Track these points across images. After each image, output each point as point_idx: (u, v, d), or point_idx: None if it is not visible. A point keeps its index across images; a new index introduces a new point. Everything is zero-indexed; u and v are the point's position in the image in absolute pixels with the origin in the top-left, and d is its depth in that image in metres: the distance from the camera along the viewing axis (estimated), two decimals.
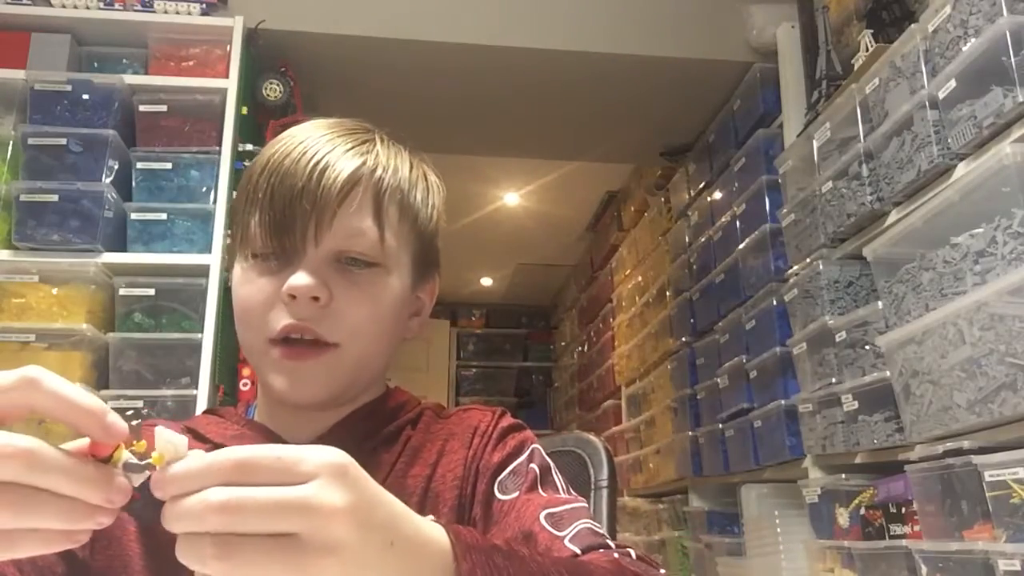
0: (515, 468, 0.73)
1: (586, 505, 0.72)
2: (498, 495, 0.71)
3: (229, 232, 0.82)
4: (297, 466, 0.42)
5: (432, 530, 0.49)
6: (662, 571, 0.63)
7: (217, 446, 0.74)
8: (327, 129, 0.76)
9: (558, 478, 0.75)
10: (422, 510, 0.68)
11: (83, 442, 0.42)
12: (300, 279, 0.69)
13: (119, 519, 0.67)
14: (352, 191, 0.72)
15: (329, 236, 0.70)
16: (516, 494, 0.70)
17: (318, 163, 0.71)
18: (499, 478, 0.73)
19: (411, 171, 0.78)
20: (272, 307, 0.70)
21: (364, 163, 0.73)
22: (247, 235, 0.73)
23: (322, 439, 0.74)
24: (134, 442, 0.43)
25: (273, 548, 0.39)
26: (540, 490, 0.71)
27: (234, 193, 2.17)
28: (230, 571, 0.39)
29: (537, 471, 0.73)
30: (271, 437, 0.75)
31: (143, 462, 0.42)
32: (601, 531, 0.67)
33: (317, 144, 0.73)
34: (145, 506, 0.42)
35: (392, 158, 0.77)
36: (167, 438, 0.43)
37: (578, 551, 0.63)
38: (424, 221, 0.79)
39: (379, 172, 0.74)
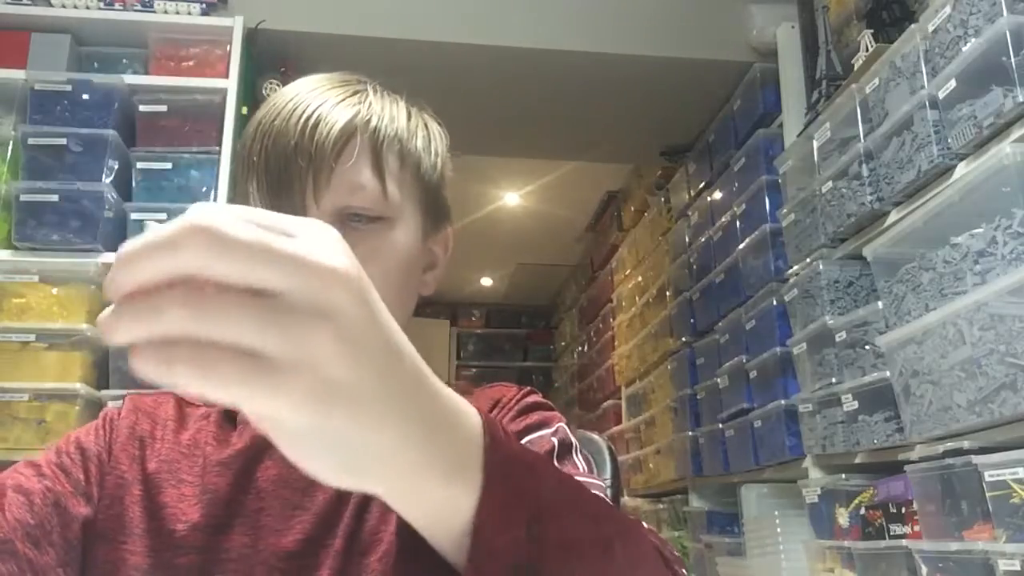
0: (533, 440, 0.67)
1: (604, 487, 0.67)
2: None
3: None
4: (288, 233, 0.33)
5: (461, 404, 0.42)
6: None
7: (226, 409, 0.73)
8: (317, 84, 0.73)
9: (580, 459, 0.68)
10: None
11: None
12: None
13: (124, 481, 0.68)
14: (348, 143, 0.69)
15: (329, 193, 0.68)
16: None
17: (309, 118, 0.68)
18: None
19: (409, 119, 0.75)
20: None
21: (357, 113, 0.70)
22: (246, 203, 0.70)
23: None
24: None
25: (252, 313, 0.31)
26: (555, 462, 0.65)
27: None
28: (198, 389, 0.31)
29: (556, 444, 0.67)
30: None
31: None
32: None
33: (307, 99, 0.70)
34: None
35: (387, 107, 0.74)
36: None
37: None
38: (428, 170, 0.76)
39: (374, 121, 0.71)
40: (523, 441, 0.67)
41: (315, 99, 0.70)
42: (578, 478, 0.59)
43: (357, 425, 0.34)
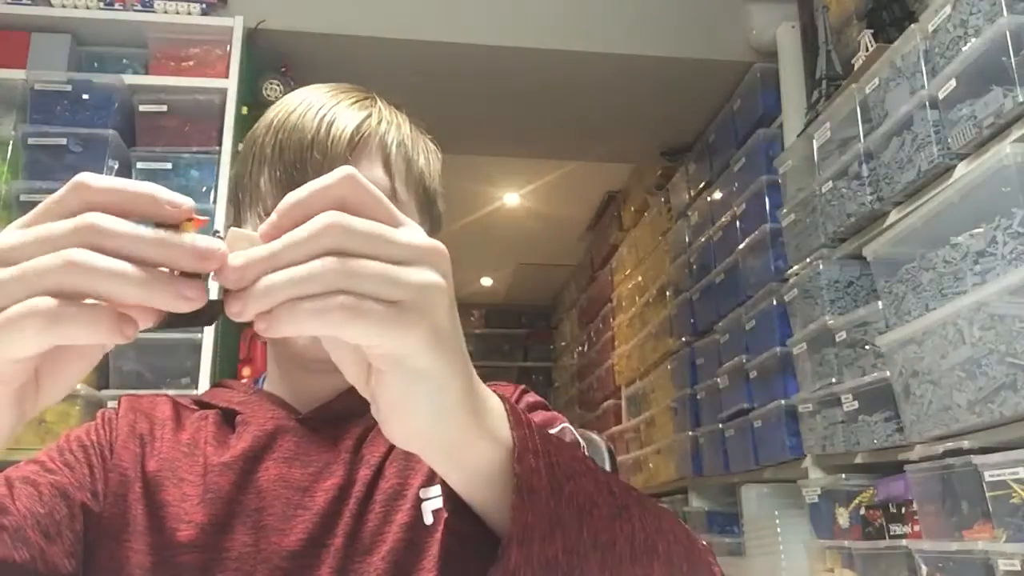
0: None
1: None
2: None
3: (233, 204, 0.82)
4: (400, 238, 0.41)
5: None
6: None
7: (224, 411, 0.75)
8: (328, 89, 0.76)
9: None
10: (430, 482, 0.67)
11: None
12: None
13: (127, 478, 0.68)
14: (361, 141, 0.72)
15: None
16: None
17: (324, 116, 0.72)
18: None
19: (411, 131, 0.79)
20: None
21: (369, 115, 0.74)
22: (256, 195, 0.72)
23: (332, 404, 0.74)
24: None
25: (390, 271, 0.39)
26: None
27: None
28: (346, 330, 0.38)
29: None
30: (279, 404, 0.75)
31: (214, 235, 0.40)
32: None
33: (321, 100, 0.74)
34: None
35: (394, 115, 0.78)
36: (238, 234, 0.40)
37: None
38: (428, 180, 0.79)
39: (384, 125, 0.75)
40: None
41: (328, 101, 0.74)
42: None
43: (451, 369, 0.42)
